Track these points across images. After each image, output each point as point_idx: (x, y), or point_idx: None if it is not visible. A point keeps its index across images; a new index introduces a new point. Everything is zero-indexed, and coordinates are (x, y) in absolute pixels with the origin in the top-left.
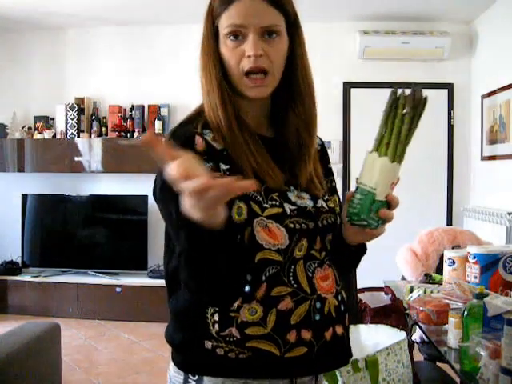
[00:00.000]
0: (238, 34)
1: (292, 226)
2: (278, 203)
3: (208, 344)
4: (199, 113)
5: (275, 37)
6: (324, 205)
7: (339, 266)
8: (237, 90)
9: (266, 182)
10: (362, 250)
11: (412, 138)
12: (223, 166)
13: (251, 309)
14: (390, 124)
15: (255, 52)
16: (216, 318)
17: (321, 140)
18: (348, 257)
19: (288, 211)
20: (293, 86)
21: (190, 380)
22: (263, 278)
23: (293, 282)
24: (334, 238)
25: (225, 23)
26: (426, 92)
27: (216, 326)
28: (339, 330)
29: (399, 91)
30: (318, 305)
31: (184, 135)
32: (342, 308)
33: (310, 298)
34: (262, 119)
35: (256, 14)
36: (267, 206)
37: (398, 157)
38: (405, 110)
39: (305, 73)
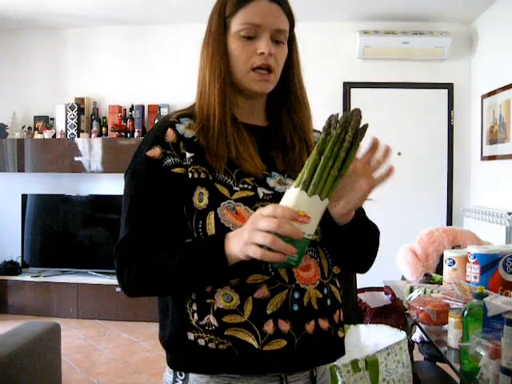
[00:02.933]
0: (252, 33)
1: None
2: (250, 187)
3: (191, 335)
4: (187, 108)
5: (281, 44)
6: None
7: (350, 260)
8: (239, 85)
9: (242, 166)
10: (355, 228)
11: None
12: (188, 155)
13: (226, 295)
14: (321, 168)
15: (269, 50)
16: (194, 307)
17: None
18: (349, 243)
19: (261, 195)
20: (290, 91)
21: (177, 379)
22: None
23: (270, 269)
24: (330, 233)
25: (240, 21)
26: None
27: (195, 315)
28: (323, 324)
29: (332, 124)
30: (297, 295)
31: (157, 128)
32: (329, 302)
33: (287, 287)
34: (256, 112)
35: (272, 16)
36: (237, 189)
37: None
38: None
39: (300, 79)
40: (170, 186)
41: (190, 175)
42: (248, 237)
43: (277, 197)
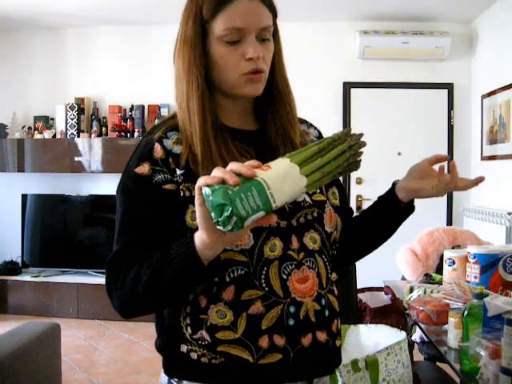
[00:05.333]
0: (236, 37)
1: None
2: None
3: (183, 348)
4: (173, 116)
5: (267, 41)
6: (307, 199)
7: (369, 243)
8: (229, 92)
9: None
10: (410, 208)
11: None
12: (178, 172)
13: (219, 311)
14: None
15: (258, 55)
16: (188, 320)
17: (318, 131)
18: (390, 218)
19: None
20: (272, 88)
21: (172, 383)
22: (227, 278)
23: (264, 284)
24: (379, 204)
25: (222, 26)
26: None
27: (189, 328)
28: (321, 336)
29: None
30: (292, 309)
31: (145, 144)
32: (327, 313)
33: (282, 301)
34: (246, 115)
35: (255, 15)
36: None
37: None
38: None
39: (282, 71)
40: (160, 202)
41: (181, 193)
42: None
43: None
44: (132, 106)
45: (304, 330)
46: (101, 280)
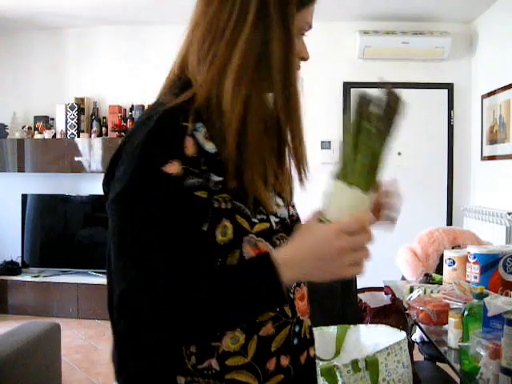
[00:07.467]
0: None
1: (278, 242)
2: (265, 217)
3: (181, 379)
4: (188, 100)
5: None
6: (294, 212)
7: None
8: None
9: (256, 192)
10: None
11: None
12: (215, 178)
13: (234, 337)
14: (361, 145)
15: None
16: (193, 349)
17: None
18: None
19: (274, 225)
20: None
21: None
22: None
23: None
24: None
25: (305, 18)
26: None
27: (192, 358)
28: (312, 351)
29: (366, 95)
30: (297, 328)
31: (171, 135)
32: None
33: (290, 321)
34: None
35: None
36: (256, 220)
37: (372, 184)
38: (374, 126)
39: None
40: (191, 212)
41: (215, 204)
42: (346, 260)
43: (282, 225)
44: (132, 106)
45: (303, 348)
46: (101, 280)
